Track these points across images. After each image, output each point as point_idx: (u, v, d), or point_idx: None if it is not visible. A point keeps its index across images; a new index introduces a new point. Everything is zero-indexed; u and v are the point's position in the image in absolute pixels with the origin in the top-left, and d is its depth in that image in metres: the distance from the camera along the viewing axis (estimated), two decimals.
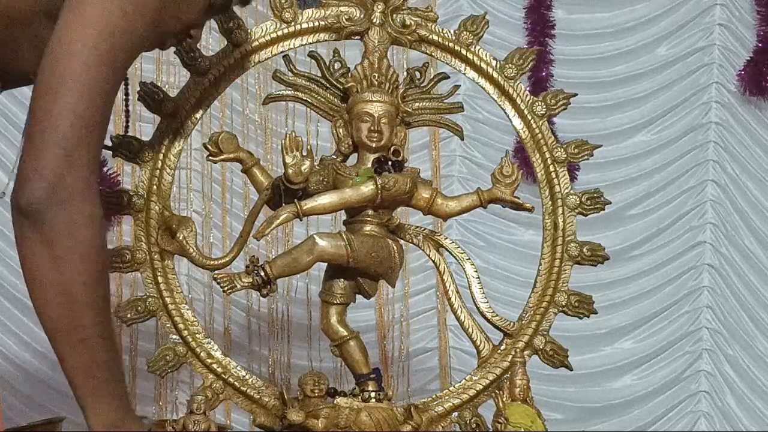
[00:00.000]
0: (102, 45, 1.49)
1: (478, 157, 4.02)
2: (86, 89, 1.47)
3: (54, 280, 1.46)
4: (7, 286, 3.71)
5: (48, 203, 1.43)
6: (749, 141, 4.14)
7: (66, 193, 1.44)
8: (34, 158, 1.44)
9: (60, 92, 1.46)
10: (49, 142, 1.44)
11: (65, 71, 1.47)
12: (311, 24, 2.24)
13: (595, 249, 2.29)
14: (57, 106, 1.45)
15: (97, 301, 1.47)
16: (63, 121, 1.45)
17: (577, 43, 4.13)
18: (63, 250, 1.44)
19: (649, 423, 4.08)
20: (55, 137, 1.44)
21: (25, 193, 1.44)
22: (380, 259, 2.13)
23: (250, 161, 2.19)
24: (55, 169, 1.44)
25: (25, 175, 1.44)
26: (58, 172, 1.44)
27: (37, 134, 1.45)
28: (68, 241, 1.44)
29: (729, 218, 4.13)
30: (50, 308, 1.47)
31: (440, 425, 2.24)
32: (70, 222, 1.44)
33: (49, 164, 1.43)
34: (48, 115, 1.45)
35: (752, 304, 4.10)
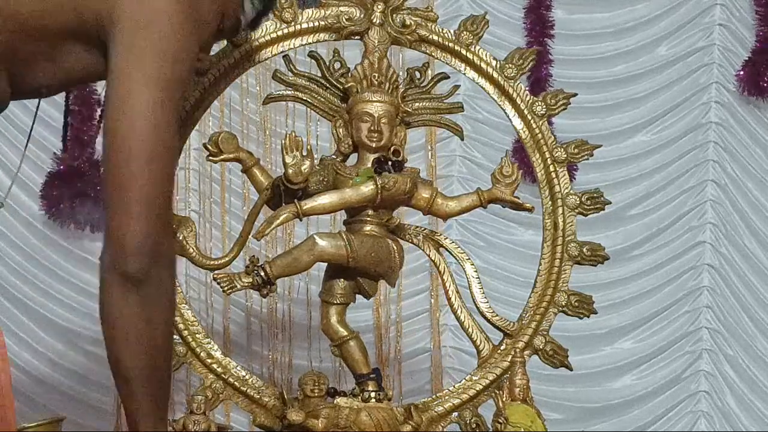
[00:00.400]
0: (163, 100, 1.53)
1: (478, 157, 4.02)
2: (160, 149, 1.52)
3: (145, 335, 1.53)
4: (7, 286, 3.71)
5: (152, 269, 1.50)
6: (749, 141, 4.14)
7: (165, 258, 1.52)
8: (134, 226, 1.49)
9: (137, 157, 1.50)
10: (145, 209, 1.49)
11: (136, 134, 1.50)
12: (311, 24, 2.24)
13: (595, 249, 2.29)
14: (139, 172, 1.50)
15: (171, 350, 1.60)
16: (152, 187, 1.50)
17: (576, 43, 4.13)
18: (158, 309, 1.53)
19: (649, 423, 4.08)
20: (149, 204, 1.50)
21: (129, 261, 1.49)
22: (380, 259, 2.13)
23: (250, 161, 2.19)
24: (156, 236, 1.50)
25: (125, 243, 1.49)
26: (158, 239, 1.51)
27: (130, 202, 1.49)
28: (163, 301, 1.54)
29: (729, 218, 4.13)
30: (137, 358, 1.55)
31: (440, 425, 2.24)
32: (166, 283, 1.54)
33: (151, 231, 1.50)
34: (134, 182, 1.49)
35: (752, 304, 4.10)
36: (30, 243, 3.79)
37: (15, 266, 3.77)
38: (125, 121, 1.51)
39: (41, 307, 3.77)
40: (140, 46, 1.54)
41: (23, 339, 3.68)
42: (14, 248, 3.77)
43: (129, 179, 1.50)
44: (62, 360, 3.75)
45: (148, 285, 1.51)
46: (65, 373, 3.73)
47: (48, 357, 3.74)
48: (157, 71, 1.53)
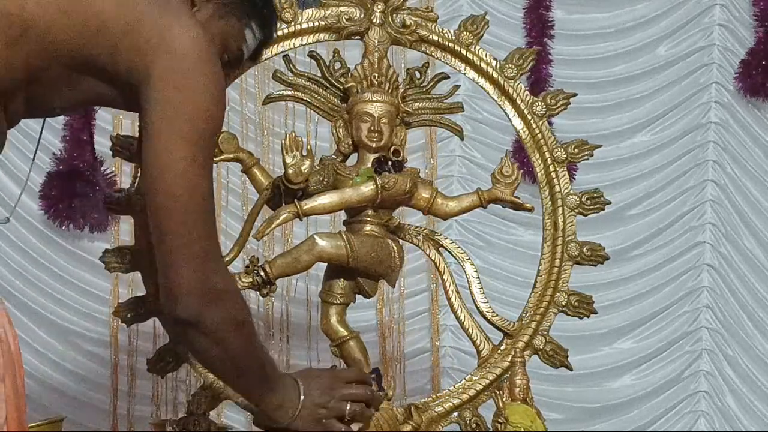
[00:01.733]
0: (198, 155, 1.61)
1: (478, 157, 4.02)
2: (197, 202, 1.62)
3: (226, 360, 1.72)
4: (7, 287, 3.71)
5: (205, 310, 1.63)
6: (749, 141, 4.14)
7: (212, 294, 1.64)
8: (181, 275, 1.61)
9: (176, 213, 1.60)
10: (189, 259, 1.61)
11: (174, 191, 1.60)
12: (311, 24, 2.24)
13: (595, 249, 2.29)
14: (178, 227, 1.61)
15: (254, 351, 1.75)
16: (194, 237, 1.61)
17: (576, 43, 4.13)
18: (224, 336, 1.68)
19: (648, 423, 4.08)
20: (190, 253, 1.61)
21: (181, 308, 1.63)
22: (380, 259, 2.13)
23: (250, 161, 2.19)
24: (201, 279, 1.62)
25: (174, 292, 1.62)
26: (203, 280, 1.63)
27: (172, 255, 1.61)
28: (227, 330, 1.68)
29: (728, 218, 4.13)
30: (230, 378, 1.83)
31: (440, 425, 2.24)
32: (225, 313, 1.66)
33: (195, 277, 1.62)
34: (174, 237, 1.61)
35: (752, 305, 4.10)
36: (30, 243, 3.79)
37: (15, 266, 3.76)
38: (161, 178, 1.60)
39: (41, 307, 3.77)
40: (173, 103, 1.59)
41: (23, 339, 3.67)
42: (14, 248, 3.77)
43: (170, 235, 1.60)
44: (62, 360, 3.75)
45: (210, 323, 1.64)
46: (65, 373, 3.73)
47: (48, 357, 3.74)
48: (189, 128, 1.59)
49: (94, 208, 3.71)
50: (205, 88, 1.61)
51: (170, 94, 1.59)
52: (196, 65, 1.61)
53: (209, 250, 1.64)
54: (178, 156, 1.59)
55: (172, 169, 1.59)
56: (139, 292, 2.23)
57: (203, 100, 1.60)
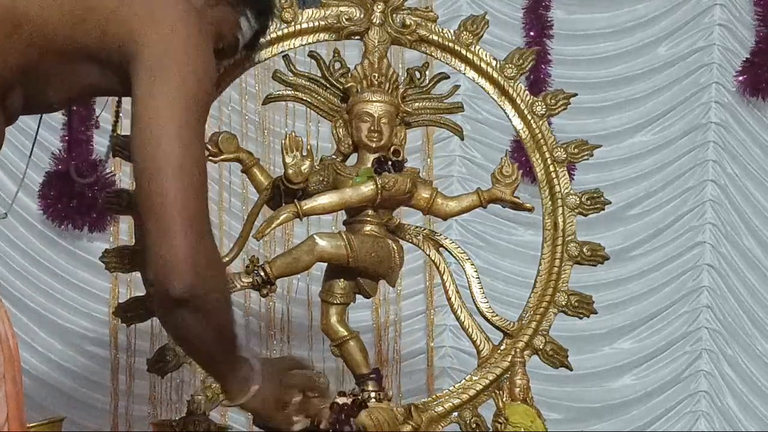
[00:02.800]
0: (190, 120, 1.56)
1: (478, 157, 4.02)
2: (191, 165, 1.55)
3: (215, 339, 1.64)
4: (7, 286, 3.71)
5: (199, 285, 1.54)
6: (749, 141, 4.14)
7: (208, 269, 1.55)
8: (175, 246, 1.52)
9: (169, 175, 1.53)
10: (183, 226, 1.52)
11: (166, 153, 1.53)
12: (311, 24, 2.24)
13: (595, 249, 2.29)
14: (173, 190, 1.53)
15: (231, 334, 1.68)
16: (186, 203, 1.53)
17: (576, 43, 4.13)
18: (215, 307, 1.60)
19: (648, 423, 4.08)
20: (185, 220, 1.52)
21: (173, 283, 1.53)
22: (380, 259, 2.13)
23: (250, 161, 2.19)
24: (197, 252, 1.53)
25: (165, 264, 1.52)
26: (198, 253, 1.53)
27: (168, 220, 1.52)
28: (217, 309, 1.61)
29: (728, 218, 4.13)
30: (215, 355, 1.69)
31: (440, 425, 2.24)
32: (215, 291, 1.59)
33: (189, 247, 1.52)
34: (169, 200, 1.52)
35: (752, 305, 4.10)
36: (29, 243, 3.79)
37: (14, 266, 3.76)
38: (152, 141, 1.54)
39: (41, 307, 3.77)
40: (164, 73, 1.57)
41: (23, 339, 3.67)
42: (14, 248, 3.77)
43: (160, 197, 1.53)
44: (62, 360, 3.75)
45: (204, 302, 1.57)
46: (65, 373, 3.72)
47: (48, 357, 3.74)
48: (182, 95, 1.56)
49: (93, 207, 3.71)
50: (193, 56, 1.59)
51: (159, 66, 1.58)
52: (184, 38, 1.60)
53: (202, 219, 1.56)
54: (169, 120, 1.55)
55: (164, 132, 1.54)
56: (139, 292, 2.23)
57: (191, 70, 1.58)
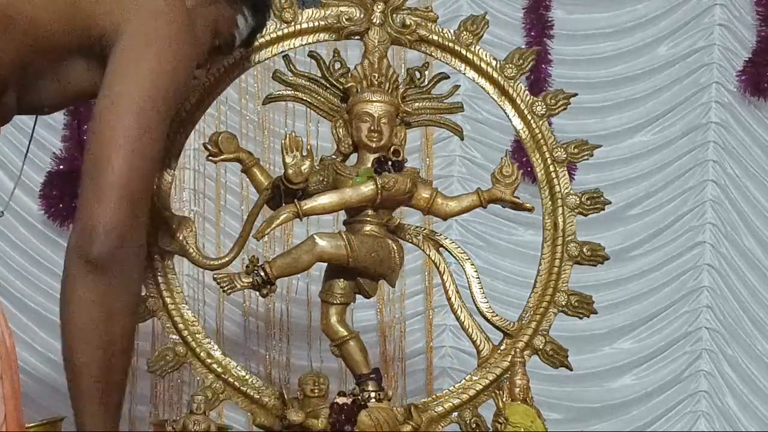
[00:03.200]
0: (156, 101, 1.55)
1: (478, 157, 4.02)
2: (145, 142, 1.53)
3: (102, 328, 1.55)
4: (7, 286, 3.71)
5: (116, 255, 1.50)
6: (749, 141, 4.14)
7: (132, 246, 1.52)
8: (103, 211, 1.49)
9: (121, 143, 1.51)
10: (118, 195, 1.50)
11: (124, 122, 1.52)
12: (311, 24, 2.24)
13: (595, 249, 2.29)
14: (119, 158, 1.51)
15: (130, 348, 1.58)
16: (130, 176, 1.51)
17: (576, 43, 4.13)
18: (120, 300, 1.53)
19: (648, 423, 4.08)
20: (123, 192, 1.50)
21: (95, 244, 1.49)
22: (380, 259, 2.13)
23: (249, 161, 2.19)
24: (125, 223, 1.50)
25: (92, 226, 1.49)
26: (127, 225, 1.50)
27: (105, 185, 1.50)
28: (125, 292, 1.54)
29: (729, 218, 4.13)
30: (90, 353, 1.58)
31: (440, 425, 2.24)
32: (130, 274, 1.53)
33: (120, 218, 1.49)
34: (112, 167, 1.50)
35: (752, 305, 4.10)
36: (30, 243, 3.79)
37: (15, 266, 3.77)
38: (116, 112, 1.53)
39: (41, 306, 3.77)
40: (140, 52, 1.57)
41: (23, 339, 3.67)
42: (14, 248, 3.77)
43: (106, 164, 1.51)
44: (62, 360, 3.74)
45: (111, 272, 1.51)
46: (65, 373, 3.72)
47: (48, 357, 3.74)
48: (153, 74, 1.56)
49: None
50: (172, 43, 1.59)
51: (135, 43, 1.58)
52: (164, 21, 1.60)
53: (141, 196, 1.53)
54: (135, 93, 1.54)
55: (127, 102, 1.54)
56: None
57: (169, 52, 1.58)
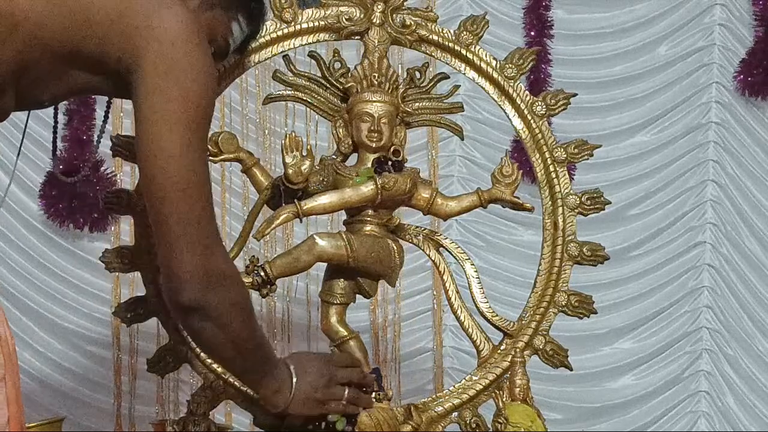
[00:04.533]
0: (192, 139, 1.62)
1: (478, 157, 4.02)
2: (193, 187, 1.63)
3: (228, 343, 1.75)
4: (7, 286, 3.71)
5: (208, 294, 1.66)
6: (749, 141, 4.14)
7: (215, 279, 1.66)
8: (182, 260, 1.63)
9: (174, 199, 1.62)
10: (189, 243, 1.63)
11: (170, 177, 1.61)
12: (311, 24, 2.24)
13: (595, 249, 2.29)
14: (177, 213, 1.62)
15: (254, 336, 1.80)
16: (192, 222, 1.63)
17: (576, 43, 4.13)
18: (228, 320, 1.71)
19: (648, 423, 4.08)
20: (191, 238, 1.63)
21: (184, 294, 1.65)
22: (380, 259, 2.13)
23: (250, 161, 2.19)
24: (202, 265, 1.64)
25: (178, 278, 1.64)
26: (205, 265, 1.65)
27: (172, 241, 1.63)
28: (230, 313, 1.71)
29: (729, 218, 4.13)
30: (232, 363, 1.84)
31: (440, 425, 2.24)
32: (226, 298, 1.69)
33: (196, 262, 1.64)
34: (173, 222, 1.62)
35: (752, 304, 4.10)
36: (30, 243, 3.79)
37: (15, 266, 3.76)
38: (157, 164, 1.60)
39: (41, 306, 3.77)
40: (164, 90, 1.60)
41: (23, 339, 3.67)
42: (14, 248, 3.77)
43: (168, 218, 1.61)
44: (62, 360, 3.75)
45: (212, 309, 1.67)
46: (65, 373, 3.73)
47: (48, 357, 3.74)
48: (182, 113, 1.60)
49: (95, 207, 3.71)
50: (194, 74, 1.61)
51: (160, 81, 1.60)
52: (184, 51, 1.61)
53: (209, 234, 1.65)
54: (171, 141, 1.59)
55: (166, 153, 1.59)
56: (140, 292, 2.23)
57: (193, 85, 1.61)
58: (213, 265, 1.65)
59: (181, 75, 1.61)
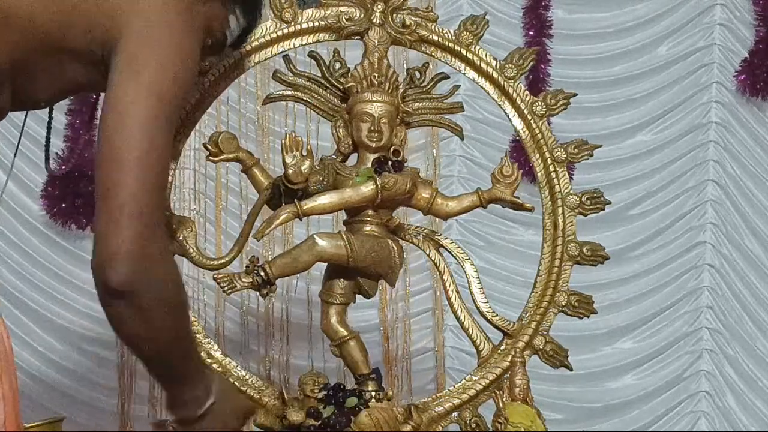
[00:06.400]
0: (160, 112, 1.54)
1: (478, 157, 4.02)
2: (153, 158, 1.52)
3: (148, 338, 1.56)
4: (7, 286, 3.71)
5: (138, 279, 1.49)
6: (750, 141, 4.14)
7: (151, 264, 1.50)
8: (118, 236, 1.50)
9: (128, 164, 1.50)
10: (129, 216, 1.49)
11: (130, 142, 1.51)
12: (311, 24, 2.24)
13: (595, 249, 2.29)
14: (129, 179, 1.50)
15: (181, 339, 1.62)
16: (139, 196, 1.50)
17: (577, 43, 4.13)
18: (155, 313, 1.53)
19: (649, 423, 4.08)
20: (134, 210, 1.49)
21: (114, 273, 1.50)
22: (380, 259, 2.13)
23: (250, 161, 2.19)
24: (140, 244, 1.49)
25: (109, 254, 1.50)
26: (142, 246, 1.49)
27: (116, 209, 1.50)
28: (159, 307, 1.53)
29: (729, 218, 4.13)
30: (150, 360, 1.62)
31: (440, 425, 2.24)
32: (158, 288, 1.52)
33: (134, 240, 1.49)
34: (122, 189, 1.50)
35: (753, 304, 4.10)
36: (30, 243, 3.79)
37: (15, 266, 3.77)
38: (121, 131, 1.52)
39: (41, 306, 3.77)
40: (141, 60, 1.56)
41: (23, 339, 3.68)
42: (14, 248, 3.77)
43: (118, 187, 1.51)
44: (62, 360, 3.75)
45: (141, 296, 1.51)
46: (65, 373, 3.73)
47: (48, 357, 3.74)
48: (156, 85, 1.55)
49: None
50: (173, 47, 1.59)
51: (136, 50, 1.57)
52: (166, 26, 1.59)
53: (154, 212, 1.53)
54: (139, 106, 1.53)
55: (131, 118, 1.53)
56: None
57: (171, 58, 1.58)
58: (150, 248, 1.50)
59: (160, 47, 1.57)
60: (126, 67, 1.56)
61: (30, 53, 1.60)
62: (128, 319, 1.53)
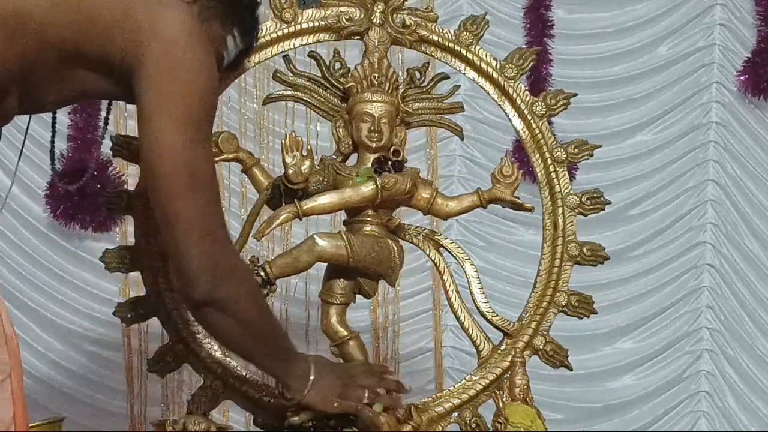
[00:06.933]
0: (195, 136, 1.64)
1: (478, 157, 4.02)
2: (200, 182, 1.66)
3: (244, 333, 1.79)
4: (7, 286, 3.71)
5: (217, 289, 1.69)
6: (750, 141, 4.14)
7: (224, 272, 1.70)
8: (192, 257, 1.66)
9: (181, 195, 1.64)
10: (198, 239, 1.66)
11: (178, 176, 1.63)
12: (311, 24, 2.24)
13: (595, 249, 2.29)
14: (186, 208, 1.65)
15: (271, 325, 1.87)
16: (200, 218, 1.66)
17: (577, 43, 4.13)
18: (241, 310, 1.76)
19: (649, 423, 4.08)
20: (199, 234, 1.66)
21: (196, 289, 1.69)
22: (380, 259, 2.13)
23: (250, 161, 2.19)
24: (212, 260, 1.68)
25: (188, 274, 1.68)
26: (214, 261, 1.68)
27: (184, 235, 1.66)
28: (242, 303, 1.76)
29: (729, 218, 4.13)
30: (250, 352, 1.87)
31: (440, 425, 2.24)
32: (237, 289, 1.74)
33: (206, 258, 1.67)
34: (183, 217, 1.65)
35: (753, 304, 4.10)
36: (31, 244, 3.79)
37: (16, 267, 3.77)
38: (160, 162, 1.62)
39: (42, 307, 3.77)
40: (167, 89, 1.62)
41: (23, 339, 3.67)
42: (15, 249, 3.77)
43: (180, 216, 1.64)
44: (63, 360, 3.75)
45: (224, 301, 1.71)
46: (66, 373, 3.73)
47: (49, 357, 3.74)
48: (184, 112, 1.62)
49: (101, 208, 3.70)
50: (195, 71, 1.63)
51: (162, 80, 1.62)
52: (186, 49, 1.63)
53: (216, 229, 1.68)
54: (174, 137, 1.61)
55: (170, 151, 1.61)
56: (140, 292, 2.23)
57: (194, 82, 1.63)
58: (221, 259, 1.69)
59: (183, 72, 1.62)
60: (153, 100, 1.62)
61: (42, 59, 1.62)
62: (219, 321, 1.74)
